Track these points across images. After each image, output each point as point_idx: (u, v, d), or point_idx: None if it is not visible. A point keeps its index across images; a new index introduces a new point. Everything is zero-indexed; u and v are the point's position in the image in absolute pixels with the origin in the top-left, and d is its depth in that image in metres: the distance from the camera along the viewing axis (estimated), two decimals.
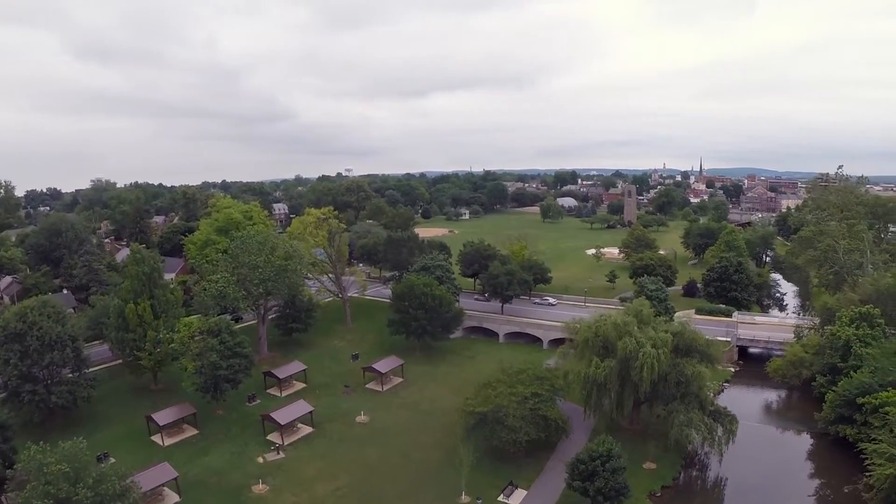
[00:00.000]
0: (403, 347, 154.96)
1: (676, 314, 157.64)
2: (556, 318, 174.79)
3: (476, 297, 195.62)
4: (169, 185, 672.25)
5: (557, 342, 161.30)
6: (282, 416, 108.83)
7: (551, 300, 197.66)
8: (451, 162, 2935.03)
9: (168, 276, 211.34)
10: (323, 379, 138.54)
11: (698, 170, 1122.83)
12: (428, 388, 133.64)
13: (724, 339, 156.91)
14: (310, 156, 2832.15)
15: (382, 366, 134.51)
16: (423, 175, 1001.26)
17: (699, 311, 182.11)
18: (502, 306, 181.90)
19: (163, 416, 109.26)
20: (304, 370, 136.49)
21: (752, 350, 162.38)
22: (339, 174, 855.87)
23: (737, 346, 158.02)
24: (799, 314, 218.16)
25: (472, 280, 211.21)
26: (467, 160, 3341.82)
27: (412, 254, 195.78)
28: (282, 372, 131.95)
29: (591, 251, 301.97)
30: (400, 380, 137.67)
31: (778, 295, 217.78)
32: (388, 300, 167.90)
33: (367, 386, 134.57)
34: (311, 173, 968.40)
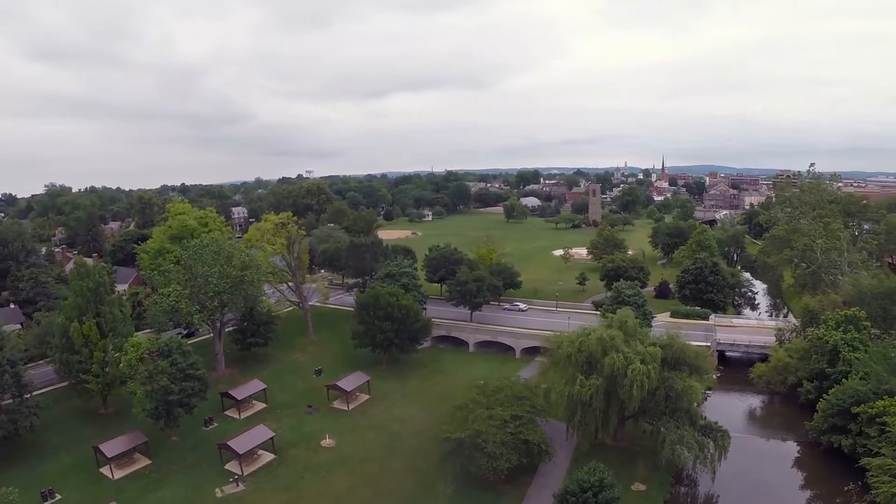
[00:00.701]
0: (369, 360, 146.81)
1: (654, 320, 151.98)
2: (527, 325, 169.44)
3: (445, 302, 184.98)
4: (127, 190, 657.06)
5: (531, 351, 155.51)
6: (240, 444, 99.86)
7: (522, 306, 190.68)
8: (412, 162, 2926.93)
9: (120, 287, 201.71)
10: (285, 397, 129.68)
11: (660, 168, 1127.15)
12: (397, 406, 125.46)
13: (702, 343, 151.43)
14: (270, 157, 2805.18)
15: (347, 383, 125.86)
16: (384, 176, 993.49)
17: (674, 314, 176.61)
18: (471, 314, 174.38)
19: (112, 447, 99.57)
20: (263, 389, 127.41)
21: (731, 354, 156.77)
22: (299, 176, 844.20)
23: (716, 350, 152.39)
24: (772, 314, 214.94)
25: (439, 285, 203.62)
26: (429, 160, 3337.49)
27: (376, 260, 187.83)
28: (240, 392, 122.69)
29: (559, 252, 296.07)
30: (366, 397, 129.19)
31: (750, 294, 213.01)
32: (352, 308, 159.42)
33: (332, 405, 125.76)
34: (272, 175, 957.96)
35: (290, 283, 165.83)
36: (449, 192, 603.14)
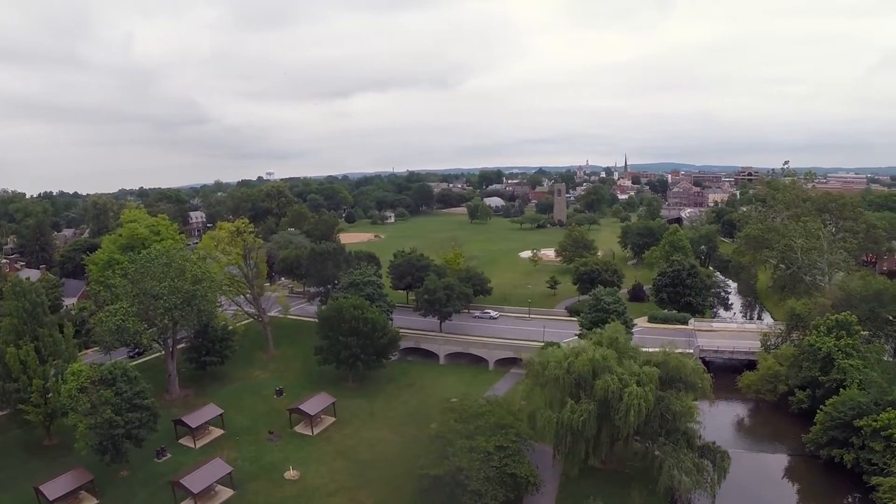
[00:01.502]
0: (334, 377, 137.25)
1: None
2: (500, 335, 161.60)
3: (413, 311, 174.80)
4: (85, 194, 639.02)
5: (505, 362, 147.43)
6: (194, 481, 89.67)
7: (493, 313, 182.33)
8: (374, 163, 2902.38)
9: (69, 302, 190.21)
10: (244, 422, 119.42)
11: (622, 166, 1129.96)
12: (365, 429, 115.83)
13: (685, 351, 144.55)
14: (230, 160, 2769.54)
15: (311, 406, 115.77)
16: (345, 177, 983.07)
17: (652, 319, 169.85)
18: (441, 324, 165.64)
19: (53, 488, 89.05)
20: (220, 414, 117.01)
21: (714, 360, 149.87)
22: (260, 178, 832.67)
23: (699, 358, 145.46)
24: (746, 315, 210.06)
25: (405, 293, 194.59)
26: (390, 161, 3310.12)
27: (338, 268, 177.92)
28: (195, 419, 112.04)
29: (526, 254, 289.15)
30: (332, 419, 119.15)
31: (723, 295, 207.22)
32: (314, 319, 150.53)
33: (294, 429, 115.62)
34: (232, 178, 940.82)
35: (248, 295, 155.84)
36: (411, 193, 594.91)
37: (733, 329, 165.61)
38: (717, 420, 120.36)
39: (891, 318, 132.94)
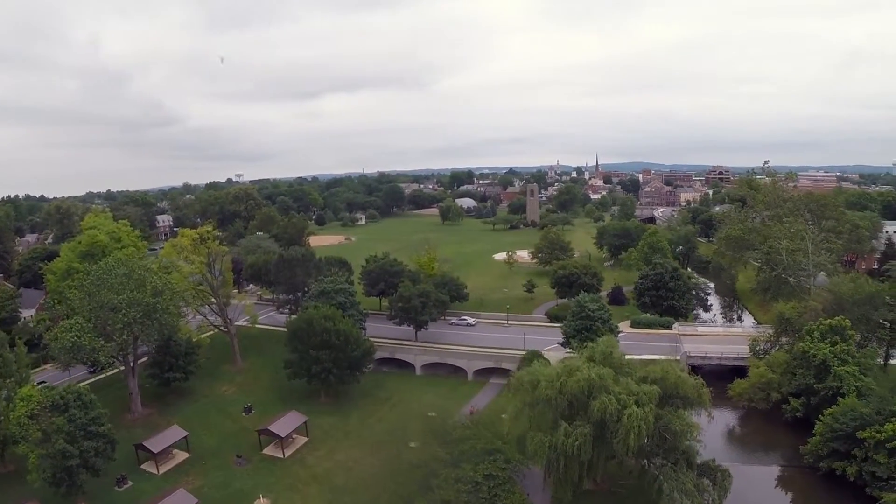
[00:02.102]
0: (305, 392, 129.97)
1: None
2: (478, 343, 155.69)
3: (387, 319, 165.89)
4: (51, 198, 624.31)
5: (484, 372, 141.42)
6: None
7: (470, 320, 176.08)
8: (343, 164, 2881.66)
9: (27, 314, 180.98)
10: (210, 443, 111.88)
11: (593, 165, 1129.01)
12: (340, 449, 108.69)
13: (670, 357, 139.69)
14: (199, 161, 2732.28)
15: (282, 426, 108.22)
16: (315, 179, 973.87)
17: (635, 324, 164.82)
18: (416, 332, 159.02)
19: None
20: (185, 437, 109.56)
21: (701, 366, 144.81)
22: (228, 180, 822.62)
23: (687, 364, 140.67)
24: (726, 316, 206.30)
25: (378, 299, 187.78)
26: (359, 162, 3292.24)
27: (308, 274, 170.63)
28: (157, 443, 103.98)
29: (500, 256, 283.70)
30: (304, 440, 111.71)
31: (703, 296, 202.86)
32: (284, 327, 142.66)
33: (264, 451, 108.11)
34: (201, 180, 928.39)
35: (213, 305, 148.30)
36: (382, 195, 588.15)
37: (719, 333, 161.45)
38: (709, 430, 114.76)
39: (882, 321, 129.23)
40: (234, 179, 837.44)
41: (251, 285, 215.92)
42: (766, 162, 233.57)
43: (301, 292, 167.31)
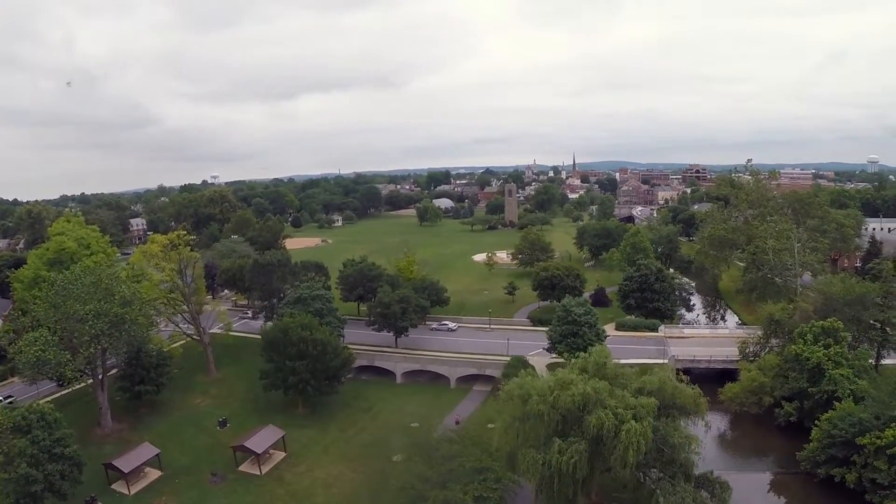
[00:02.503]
0: (282, 402, 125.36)
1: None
2: (460, 349, 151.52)
3: (366, 326, 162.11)
4: (25, 201, 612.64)
5: (467, 379, 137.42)
6: None
7: (451, 325, 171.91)
8: (319, 165, 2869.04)
9: None
10: (184, 460, 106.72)
11: (569, 164, 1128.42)
12: (319, 465, 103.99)
13: (658, 361, 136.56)
14: (175, 163, 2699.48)
15: (258, 442, 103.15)
16: (291, 180, 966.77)
17: (620, 327, 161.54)
18: (396, 339, 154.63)
19: None
20: (157, 454, 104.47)
21: (689, 369, 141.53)
22: (204, 182, 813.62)
23: (675, 368, 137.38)
24: (709, 316, 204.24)
25: (357, 304, 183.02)
26: (336, 162, 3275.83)
27: (284, 280, 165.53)
28: (128, 462, 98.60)
29: (479, 257, 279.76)
30: (282, 455, 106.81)
31: (685, 296, 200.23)
32: (260, 335, 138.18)
33: (240, 468, 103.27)
34: (176, 181, 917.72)
35: (186, 313, 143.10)
36: (359, 196, 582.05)
37: (706, 335, 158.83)
38: (700, 436, 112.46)
39: (872, 321, 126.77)
40: (209, 181, 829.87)
41: (226, 291, 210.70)
42: (749, 160, 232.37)
43: (277, 298, 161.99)
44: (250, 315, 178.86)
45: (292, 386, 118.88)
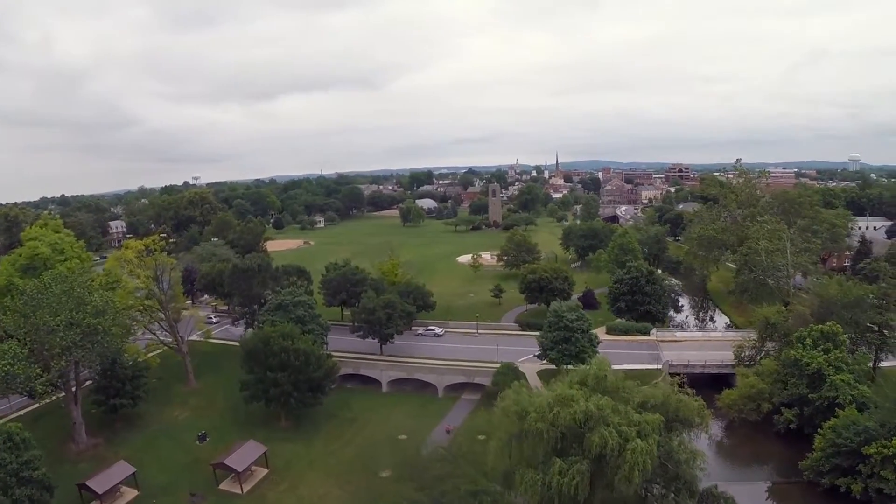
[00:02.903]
0: (264, 414, 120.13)
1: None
2: (448, 356, 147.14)
3: (350, 332, 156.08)
4: (3, 203, 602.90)
5: (456, 387, 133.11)
6: None
7: (438, 330, 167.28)
8: (301, 165, 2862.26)
9: None
10: (162, 478, 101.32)
11: (552, 164, 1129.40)
12: (304, 483, 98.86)
13: (651, 366, 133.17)
14: (156, 164, 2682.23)
15: (239, 459, 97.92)
16: (273, 181, 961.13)
17: (611, 330, 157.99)
18: (381, 346, 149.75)
19: None
20: (133, 473, 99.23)
21: (683, 374, 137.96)
22: (185, 183, 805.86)
23: (668, 373, 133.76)
24: (698, 317, 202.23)
25: (340, 309, 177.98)
26: (318, 163, 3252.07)
27: (264, 285, 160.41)
28: (102, 482, 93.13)
29: (464, 259, 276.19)
30: (264, 471, 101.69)
31: (674, 297, 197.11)
32: (240, 343, 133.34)
33: (220, 486, 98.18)
34: (158, 183, 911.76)
35: (163, 321, 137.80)
36: (341, 197, 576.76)
37: (698, 338, 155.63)
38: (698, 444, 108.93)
39: (869, 324, 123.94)
40: (191, 182, 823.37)
41: (206, 296, 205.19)
42: (738, 160, 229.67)
43: (258, 304, 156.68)
44: (230, 322, 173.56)
45: (274, 398, 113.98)
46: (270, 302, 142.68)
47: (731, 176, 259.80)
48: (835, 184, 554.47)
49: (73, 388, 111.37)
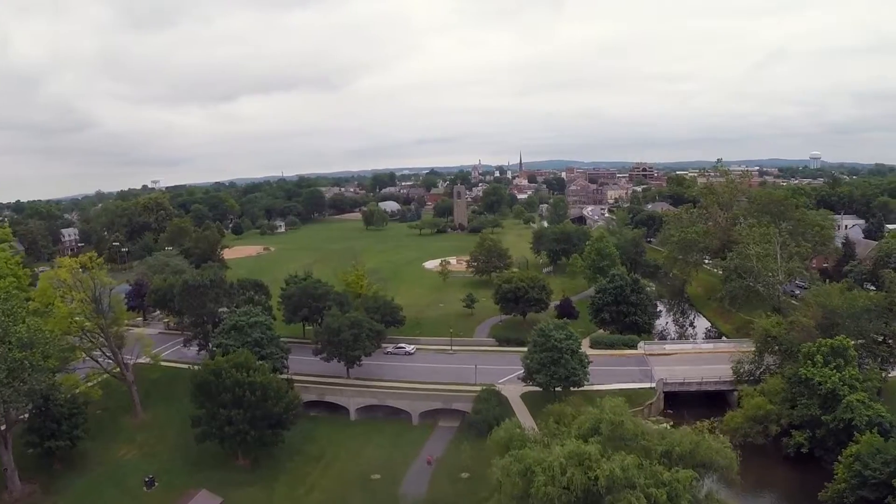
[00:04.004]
0: (219, 452, 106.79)
1: None
2: (421, 377, 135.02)
3: (313, 353, 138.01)
4: None
5: (432, 413, 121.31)
6: None
7: (408, 348, 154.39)
8: (262, 168, 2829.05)
9: None
10: None
11: (514, 164, 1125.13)
12: None
13: (644, 385, 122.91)
14: (115, 167, 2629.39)
15: None
16: (233, 184, 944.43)
17: (596, 345, 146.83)
18: (348, 369, 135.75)
19: None
20: None
21: (677, 392, 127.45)
22: (144, 187, 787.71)
23: (664, 392, 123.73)
24: (677, 323, 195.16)
25: (301, 324, 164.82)
26: (279, 165, 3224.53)
27: (218, 302, 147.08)
28: None
29: (431, 264, 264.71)
30: None
31: (654, 303, 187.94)
32: (196, 362, 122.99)
33: None
34: (117, 187, 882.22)
35: (104, 348, 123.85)
36: (302, 200, 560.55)
37: (689, 351, 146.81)
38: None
39: (875, 335, 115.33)
40: (150, 186, 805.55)
41: (157, 311, 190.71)
42: (718, 160, 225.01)
43: (211, 324, 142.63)
44: (182, 343, 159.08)
45: (228, 437, 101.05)
46: (224, 323, 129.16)
47: (711, 176, 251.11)
48: (797, 181, 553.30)
49: (3, 430, 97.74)
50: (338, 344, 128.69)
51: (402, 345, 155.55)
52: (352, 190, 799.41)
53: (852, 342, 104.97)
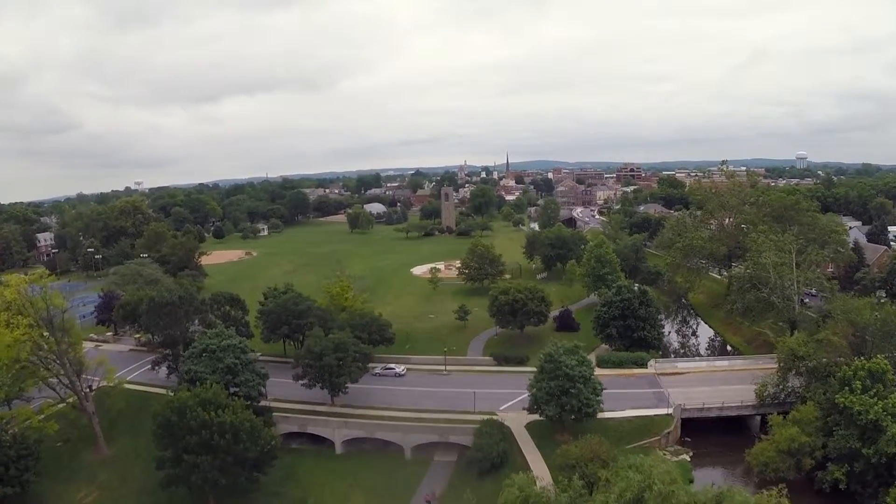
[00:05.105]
0: (189, 497, 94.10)
1: None
2: (414, 404, 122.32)
3: (293, 377, 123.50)
4: None
5: (426, 446, 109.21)
6: None
7: (399, 369, 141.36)
8: (246, 169, 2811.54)
9: None
10: None
11: (501, 165, 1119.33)
12: None
13: (660, 410, 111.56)
14: (98, 169, 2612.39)
15: None
16: (216, 185, 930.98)
17: (603, 363, 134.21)
18: (333, 397, 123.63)
19: None
20: None
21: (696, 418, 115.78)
22: (127, 189, 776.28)
23: (682, 419, 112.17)
24: (679, 333, 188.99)
25: (282, 342, 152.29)
26: (262, 166, 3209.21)
27: (189, 320, 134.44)
28: None
29: (419, 270, 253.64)
30: None
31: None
32: (167, 386, 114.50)
33: None
34: (99, 189, 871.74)
35: (61, 376, 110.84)
36: (286, 202, 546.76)
37: (703, 369, 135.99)
38: None
39: None
40: (133, 188, 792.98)
41: (127, 326, 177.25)
42: (723, 161, 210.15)
43: (182, 344, 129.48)
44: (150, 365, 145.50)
45: (196, 484, 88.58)
46: (195, 345, 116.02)
47: (715, 177, 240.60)
48: (784, 181, 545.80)
49: None
50: (321, 369, 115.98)
51: (392, 365, 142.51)
52: (336, 191, 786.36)
53: (889, 366, 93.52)
